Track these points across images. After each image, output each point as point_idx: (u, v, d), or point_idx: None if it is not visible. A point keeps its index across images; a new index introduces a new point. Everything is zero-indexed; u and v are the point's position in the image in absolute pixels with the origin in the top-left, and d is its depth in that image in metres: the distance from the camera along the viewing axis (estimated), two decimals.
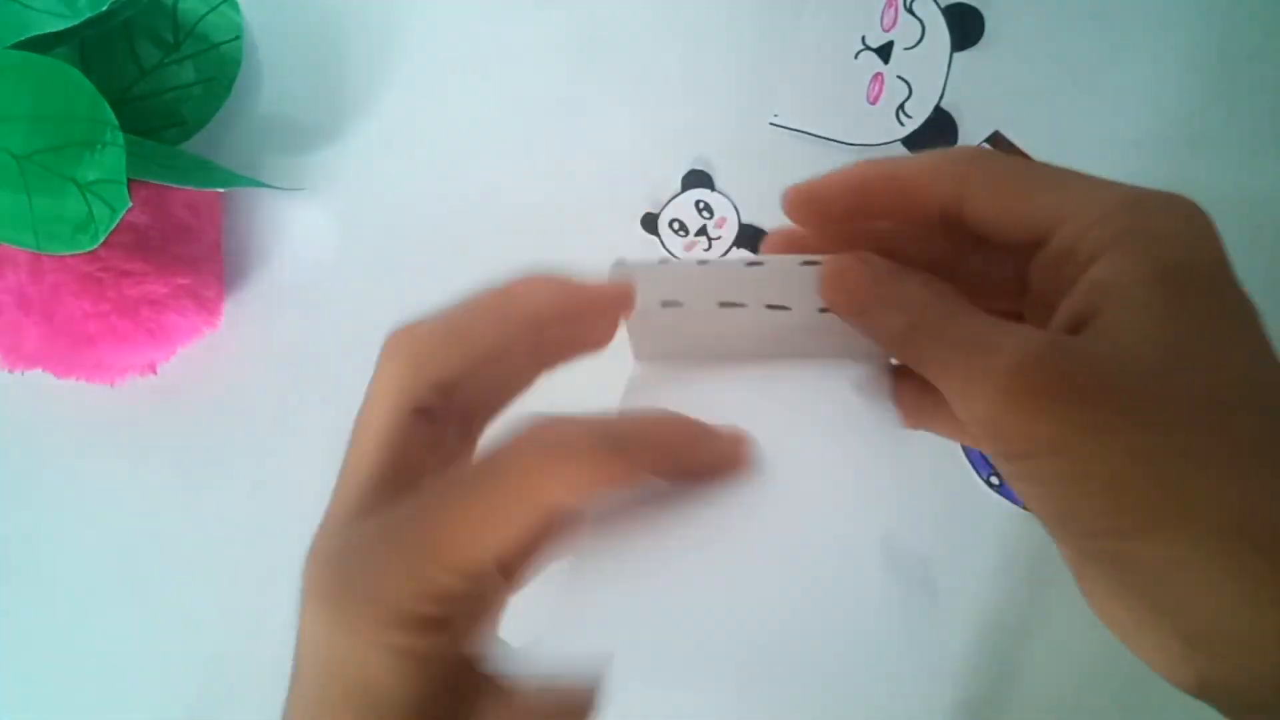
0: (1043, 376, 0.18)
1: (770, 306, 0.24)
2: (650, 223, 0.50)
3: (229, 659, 0.45)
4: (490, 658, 0.20)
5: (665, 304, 0.24)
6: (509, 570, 0.21)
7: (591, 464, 0.18)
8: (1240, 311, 0.19)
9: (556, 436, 0.18)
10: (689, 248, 0.49)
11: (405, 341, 0.21)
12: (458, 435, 0.22)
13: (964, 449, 0.46)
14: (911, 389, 0.24)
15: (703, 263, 0.23)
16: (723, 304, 0.24)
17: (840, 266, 0.22)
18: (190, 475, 0.49)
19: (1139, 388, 0.18)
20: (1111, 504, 0.18)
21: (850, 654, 0.22)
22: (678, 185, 0.50)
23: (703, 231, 0.49)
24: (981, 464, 0.46)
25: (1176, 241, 0.19)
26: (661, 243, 0.49)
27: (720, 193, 0.49)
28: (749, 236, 0.49)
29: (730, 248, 0.49)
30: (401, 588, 0.18)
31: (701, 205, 0.49)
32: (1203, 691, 0.18)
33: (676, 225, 0.49)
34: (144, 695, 0.47)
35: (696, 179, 0.50)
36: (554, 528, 0.21)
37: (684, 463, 0.20)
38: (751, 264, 0.23)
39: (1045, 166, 0.21)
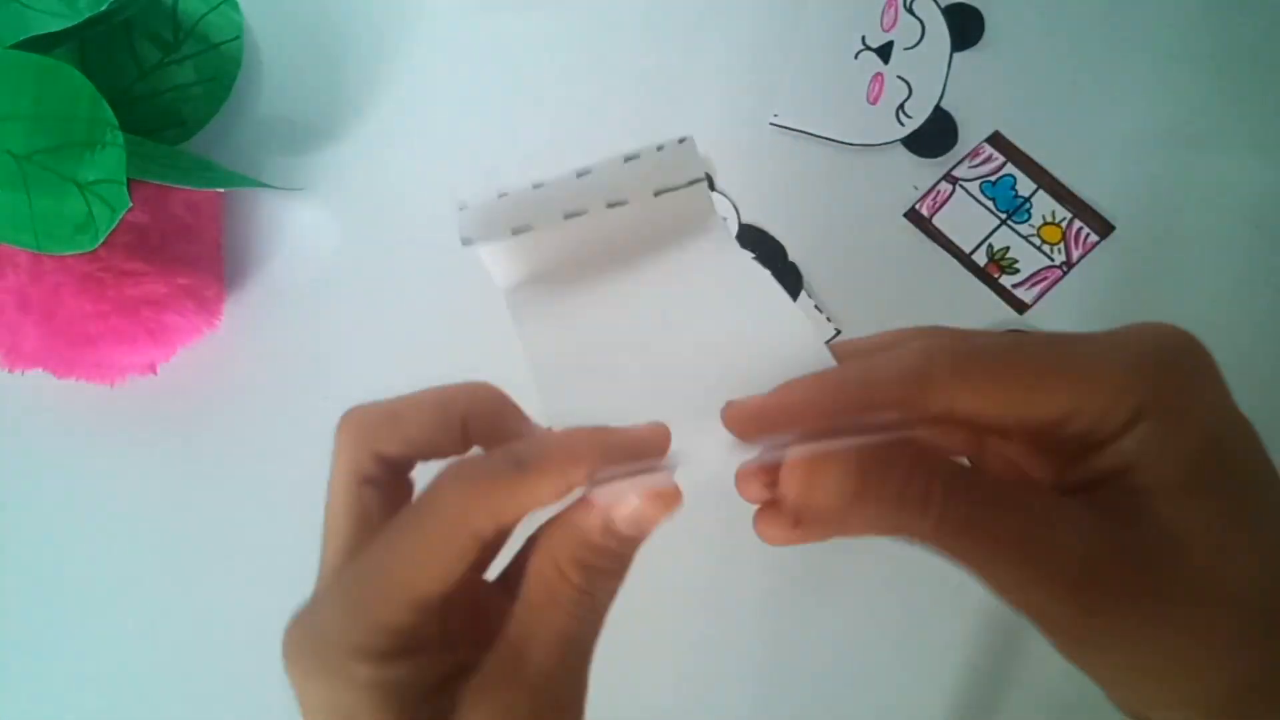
0: (1104, 579, 0.18)
1: (610, 205, 0.25)
2: None
3: (228, 658, 0.45)
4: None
5: (516, 230, 0.25)
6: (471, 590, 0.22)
7: (504, 489, 0.19)
8: (1265, 473, 0.20)
9: (470, 470, 0.20)
10: None
11: (352, 420, 0.23)
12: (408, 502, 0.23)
13: None
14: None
15: (538, 185, 0.25)
16: (567, 215, 0.25)
17: (803, 473, 0.20)
18: (190, 475, 0.49)
19: (1194, 583, 0.18)
20: (1163, 690, 0.19)
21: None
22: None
23: None
24: None
25: (1197, 410, 0.19)
26: None
27: (720, 193, 0.49)
28: (750, 237, 0.49)
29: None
30: (355, 628, 0.19)
31: None
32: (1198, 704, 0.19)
33: None
34: (143, 694, 0.47)
35: None
36: (491, 550, 0.23)
37: (599, 472, 0.20)
38: (581, 173, 0.25)
39: (1027, 346, 0.20)
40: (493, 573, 0.25)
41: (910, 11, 0.51)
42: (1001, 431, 0.21)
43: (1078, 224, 0.49)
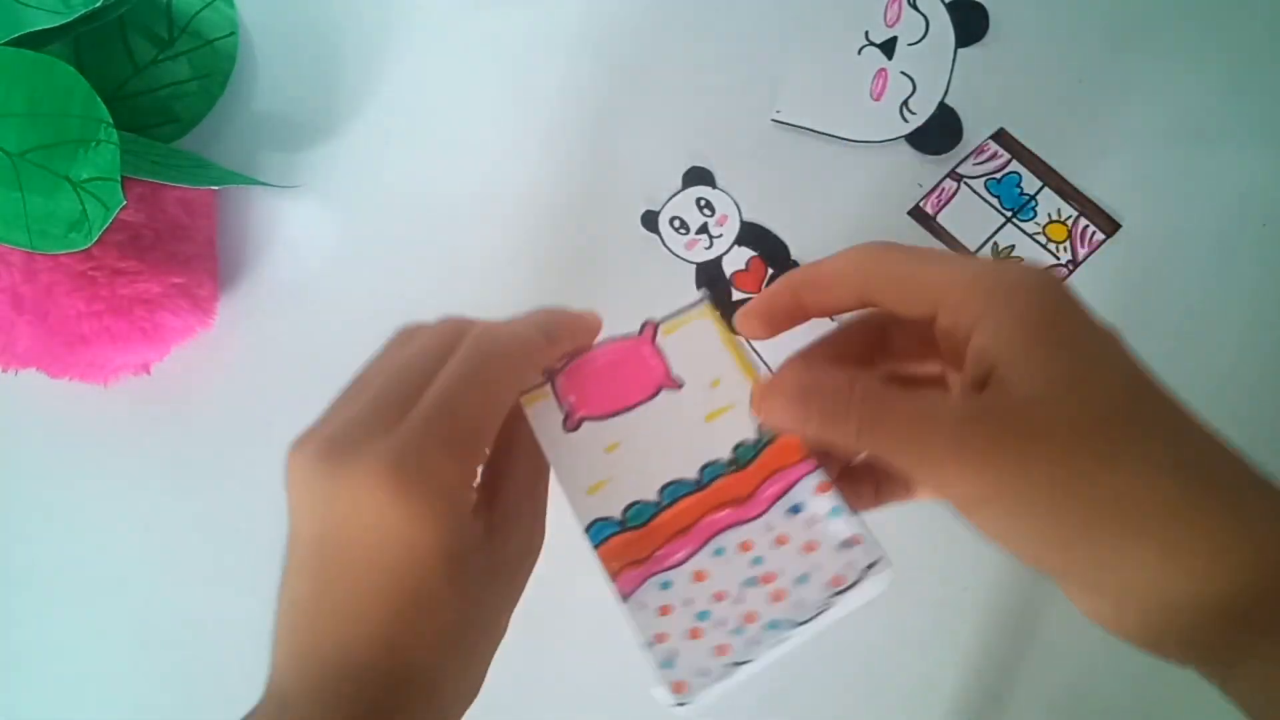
0: (972, 438, 0.23)
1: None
2: (650, 220, 0.49)
3: (220, 658, 0.44)
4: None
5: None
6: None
7: (544, 352, 0.30)
8: (1102, 340, 0.24)
9: (520, 338, 0.29)
10: (690, 245, 0.49)
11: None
12: None
13: None
14: (857, 477, 0.30)
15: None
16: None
17: (766, 394, 0.28)
18: (183, 475, 0.48)
19: (1040, 426, 0.22)
20: (1050, 521, 0.22)
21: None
22: (678, 182, 0.49)
23: (704, 229, 0.49)
24: None
25: (1031, 301, 0.23)
26: (662, 240, 0.49)
27: (721, 190, 0.49)
28: (752, 234, 0.48)
29: (731, 246, 0.48)
30: (464, 463, 0.26)
31: (703, 203, 0.49)
32: (1164, 645, 0.23)
33: (677, 223, 0.49)
34: (134, 694, 0.47)
35: (697, 176, 0.49)
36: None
37: (577, 340, 0.31)
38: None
39: (926, 255, 0.26)
40: None
41: (914, 7, 0.50)
42: (902, 316, 0.26)
43: (1083, 222, 0.48)
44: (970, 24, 0.50)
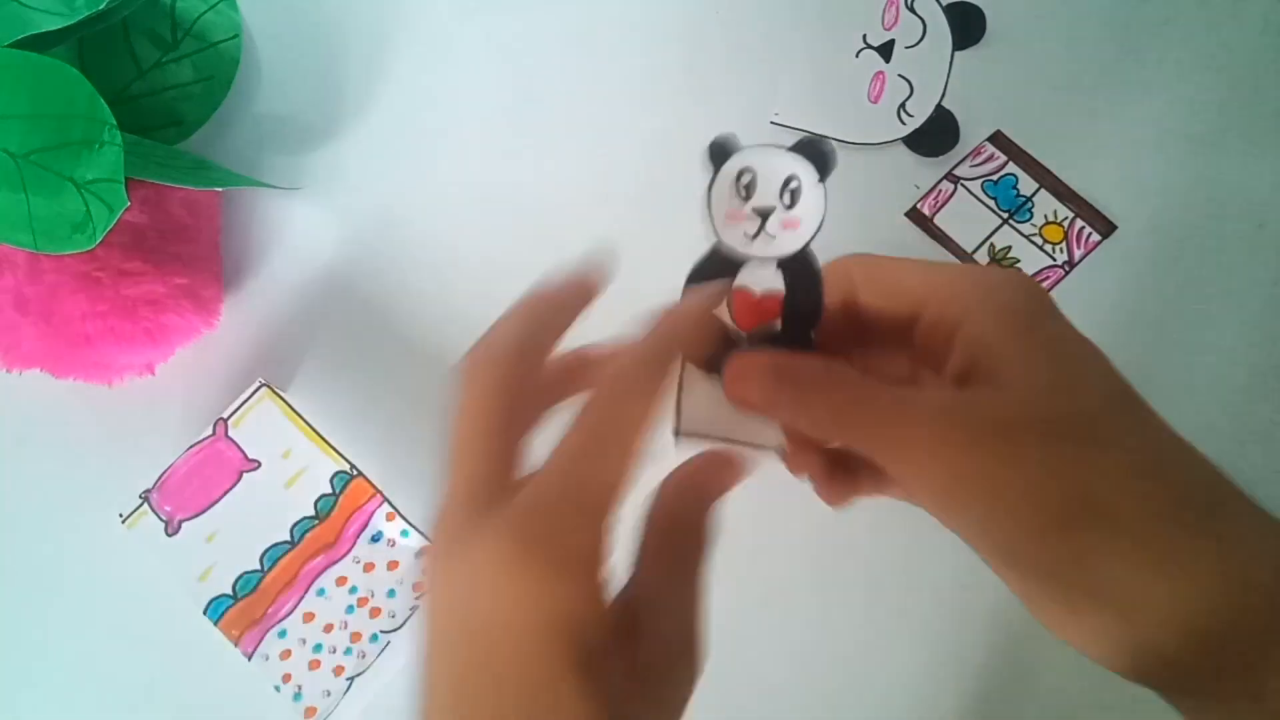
0: (953, 428, 0.22)
1: None
2: (720, 153, 0.49)
3: (221, 657, 0.44)
4: None
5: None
6: None
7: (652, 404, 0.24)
8: (1085, 345, 0.24)
9: (637, 387, 0.24)
10: (731, 218, 0.49)
11: (479, 365, 0.25)
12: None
13: None
14: (829, 468, 0.29)
15: None
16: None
17: (739, 371, 0.26)
18: None
19: (1023, 418, 0.22)
20: (1027, 512, 0.22)
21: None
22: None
23: (764, 216, 0.48)
24: None
25: (1016, 303, 0.24)
26: (711, 187, 0.49)
27: (818, 190, 0.49)
28: (796, 264, 0.48)
29: (774, 260, 0.48)
30: (595, 535, 0.22)
31: (793, 184, 0.48)
32: (1135, 664, 0.22)
33: (746, 178, 0.49)
34: (142, 692, 0.47)
35: (811, 151, 0.48)
36: None
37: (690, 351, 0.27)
38: None
39: (910, 261, 0.27)
40: None
41: (912, 10, 0.51)
42: (884, 319, 0.27)
43: (1080, 223, 0.48)
44: (967, 26, 0.50)
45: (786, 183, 0.27)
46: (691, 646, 0.24)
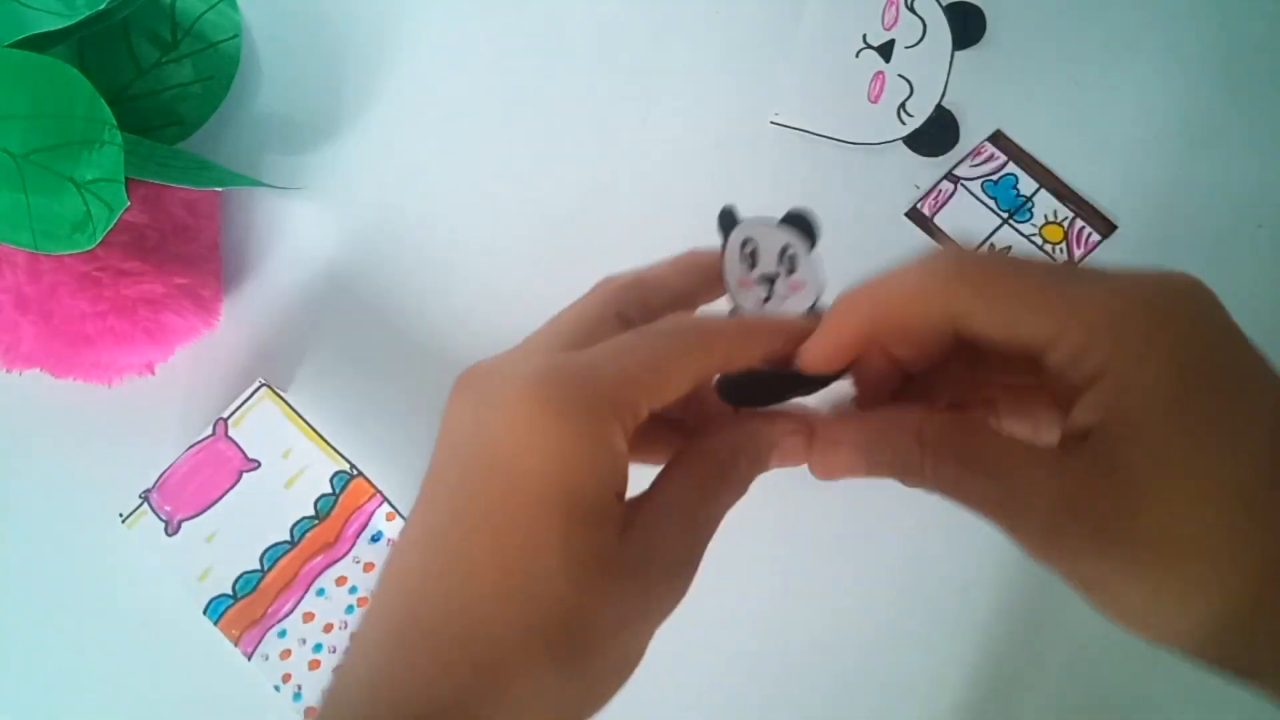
0: (1075, 521, 0.19)
1: None
2: (729, 221, 0.49)
3: (220, 657, 0.45)
4: None
5: None
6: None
7: (731, 344, 0.24)
8: (1254, 397, 0.20)
9: (713, 326, 0.24)
10: (743, 284, 0.49)
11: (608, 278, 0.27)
12: None
13: None
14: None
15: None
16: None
17: (826, 448, 0.24)
18: None
19: (1156, 530, 0.19)
20: (1138, 621, 0.20)
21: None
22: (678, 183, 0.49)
23: (770, 280, 0.48)
24: None
25: (1177, 348, 0.20)
26: (723, 257, 0.49)
27: (816, 259, 0.49)
28: None
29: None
30: (633, 394, 0.22)
31: (789, 252, 0.48)
32: (1194, 639, 0.19)
33: (749, 247, 0.49)
34: (142, 693, 0.47)
35: (799, 222, 0.48)
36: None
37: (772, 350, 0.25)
38: None
39: (1030, 269, 0.21)
40: None
41: (911, 10, 0.51)
42: (994, 352, 0.21)
43: (1080, 223, 0.48)
44: (967, 26, 0.50)
45: (783, 251, 0.30)
46: (683, 571, 0.24)
